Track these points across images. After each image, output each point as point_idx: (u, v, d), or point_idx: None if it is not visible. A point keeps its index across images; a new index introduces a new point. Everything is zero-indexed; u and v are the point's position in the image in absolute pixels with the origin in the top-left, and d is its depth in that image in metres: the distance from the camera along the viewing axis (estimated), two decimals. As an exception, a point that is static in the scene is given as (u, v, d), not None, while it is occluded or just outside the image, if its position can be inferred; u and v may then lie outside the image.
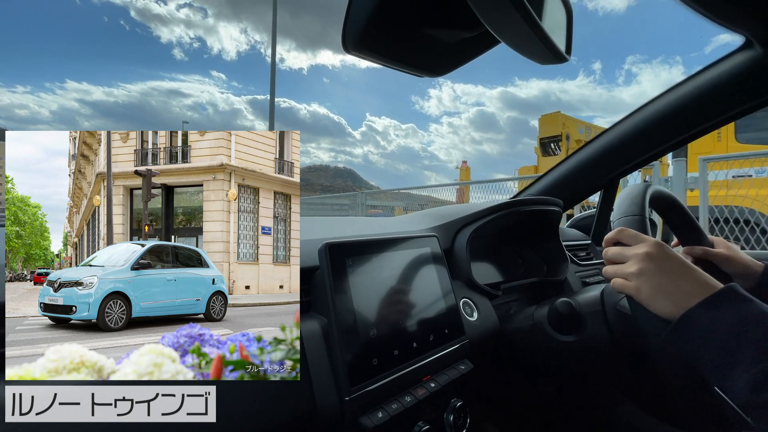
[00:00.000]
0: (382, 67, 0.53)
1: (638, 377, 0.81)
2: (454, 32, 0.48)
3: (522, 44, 0.44)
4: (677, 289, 0.48)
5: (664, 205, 0.74)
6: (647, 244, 0.52)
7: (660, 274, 0.49)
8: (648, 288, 0.49)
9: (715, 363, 0.42)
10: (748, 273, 0.71)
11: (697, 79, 0.85)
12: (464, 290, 0.77)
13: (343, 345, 0.49)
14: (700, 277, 0.48)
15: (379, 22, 0.44)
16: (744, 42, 0.72)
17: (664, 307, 0.48)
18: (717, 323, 0.43)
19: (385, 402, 0.51)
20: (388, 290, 0.57)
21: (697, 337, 0.44)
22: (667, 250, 0.51)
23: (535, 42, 0.43)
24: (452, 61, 0.55)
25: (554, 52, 0.45)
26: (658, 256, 0.50)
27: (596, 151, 1.10)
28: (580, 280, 1.04)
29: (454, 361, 0.63)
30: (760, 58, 0.72)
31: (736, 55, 0.76)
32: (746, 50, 0.73)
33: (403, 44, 0.49)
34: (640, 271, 0.50)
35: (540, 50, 0.45)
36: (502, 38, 0.44)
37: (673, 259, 0.50)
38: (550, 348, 0.73)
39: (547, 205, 0.99)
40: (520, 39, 0.43)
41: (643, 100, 0.98)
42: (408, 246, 0.64)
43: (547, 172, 1.22)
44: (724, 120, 0.86)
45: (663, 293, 0.48)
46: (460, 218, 0.86)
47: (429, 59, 0.54)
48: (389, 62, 0.52)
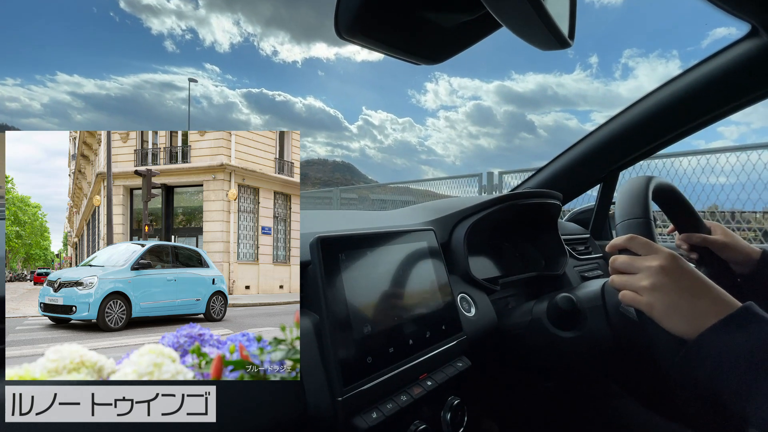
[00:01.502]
0: (378, 60, 0.52)
1: (638, 373, 0.79)
2: (453, 15, 0.47)
3: (524, 28, 0.42)
4: (693, 308, 0.45)
5: (666, 197, 0.73)
6: (661, 257, 0.49)
7: (675, 291, 0.46)
8: (661, 305, 0.46)
9: (733, 390, 0.40)
10: (746, 259, 0.70)
11: (700, 69, 0.83)
12: (462, 285, 0.76)
13: (335, 343, 0.48)
14: (716, 295, 0.45)
15: (373, 5, 0.42)
16: (750, 29, 0.70)
17: (677, 325, 0.45)
18: (734, 346, 0.41)
19: (380, 402, 0.49)
20: (382, 286, 0.56)
21: (714, 362, 0.42)
22: (682, 263, 0.48)
23: (539, 26, 0.41)
24: (450, 47, 0.53)
25: (558, 38, 0.44)
26: (673, 270, 0.47)
27: (595, 144, 1.08)
28: (579, 274, 1.03)
29: (452, 358, 0.61)
30: (766, 46, 0.70)
31: (741, 43, 0.74)
32: (752, 38, 0.72)
33: (398, 29, 0.48)
34: (653, 286, 0.47)
35: (543, 35, 0.43)
36: (504, 22, 0.42)
37: (689, 274, 0.47)
38: (550, 344, 0.71)
39: (546, 198, 0.97)
40: (523, 23, 0.41)
41: (640, 95, 0.96)
42: (404, 240, 0.62)
43: (546, 164, 1.21)
44: (728, 110, 0.84)
45: (678, 311, 0.45)
46: (457, 212, 0.84)
47: (426, 45, 0.52)
48: (384, 49, 0.50)
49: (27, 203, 11.45)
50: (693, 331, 0.44)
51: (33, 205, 11.88)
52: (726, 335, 0.42)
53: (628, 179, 0.68)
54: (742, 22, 0.69)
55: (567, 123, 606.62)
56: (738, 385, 0.40)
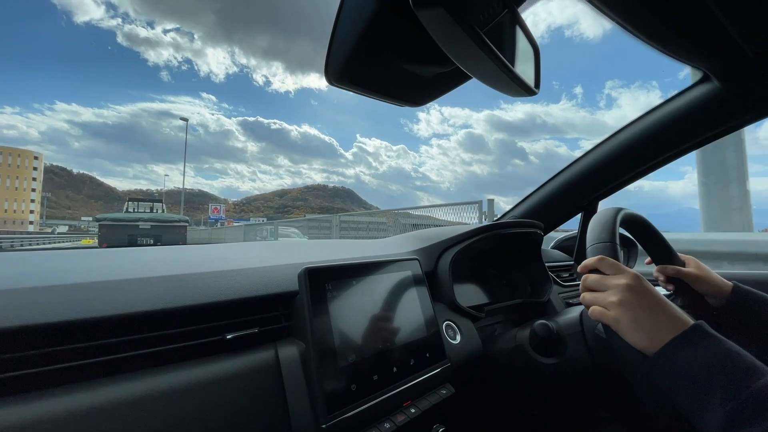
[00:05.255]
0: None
1: (622, 398, 0.81)
2: (429, 67, 0.51)
3: (492, 80, 0.47)
4: (653, 323, 0.49)
5: (636, 227, 0.77)
6: (627, 276, 0.53)
7: (638, 308, 0.50)
8: (626, 320, 0.50)
9: (689, 401, 0.43)
10: (718, 292, 0.73)
11: (665, 108, 0.90)
12: (447, 313, 0.77)
13: (320, 371, 0.49)
14: (673, 313, 0.49)
15: (358, 57, 0.47)
16: (702, 75, 0.77)
17: (640, 339, 0.49)
18: (688, 362, 0.44)
19: (364, 429, 0.50)
20: (368, 315, 0.57)
21: (671, 374, 0.45)
22: (645, 283, 0.52)
23: (504, 78, 0.46)
24: (429, 93, 0.58)
25: (523, 87, 0.49)
26: (638, 288, 0.51)
27: (575, 174, 1.14)
28: (564, 300, 1.06)
29: (436, 386, 0.62)
30: (718, 91, 0.77)
31: (695, 88, 0.81)
32: (704, 83, 0.78)
33: (382, 77, 0.52)
34: (620, 302, 0.51)
35: (509, 85, 0.48)
36: (473, 75, 0.47)
37: (651, 292, 0.51)
38: (533, 370, 0.73)
39: (528, 228, 1.01)
40: (490, 76, 0.46)
41: (624, 123, 1.03)
42: (389, 270, 0.65)
43: (528, 195, 1.26)
44: (688, 148, 0.91)
45: (640, 326, 0.49)
46: (442, 241, 0.87)
47: (408, 91, 0.56)
48: (370, 94, 0.55)
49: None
50: (653, 345, 0.47)
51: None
52: (681, 350, 0.45)
53: (599, 210, 0.73)
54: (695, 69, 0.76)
55: (557, 150, 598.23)
56: (692, 396, 0.43)
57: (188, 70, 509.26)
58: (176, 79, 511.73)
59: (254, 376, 0.47)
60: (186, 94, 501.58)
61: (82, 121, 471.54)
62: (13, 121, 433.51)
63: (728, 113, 0.81)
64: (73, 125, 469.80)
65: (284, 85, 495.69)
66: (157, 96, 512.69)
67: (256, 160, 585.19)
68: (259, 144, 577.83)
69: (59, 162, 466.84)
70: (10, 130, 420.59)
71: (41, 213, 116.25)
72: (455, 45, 0.40)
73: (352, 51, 0.46)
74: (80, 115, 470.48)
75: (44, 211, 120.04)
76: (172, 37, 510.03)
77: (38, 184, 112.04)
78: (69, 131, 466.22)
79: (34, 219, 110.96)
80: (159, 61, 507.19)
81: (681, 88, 0.88)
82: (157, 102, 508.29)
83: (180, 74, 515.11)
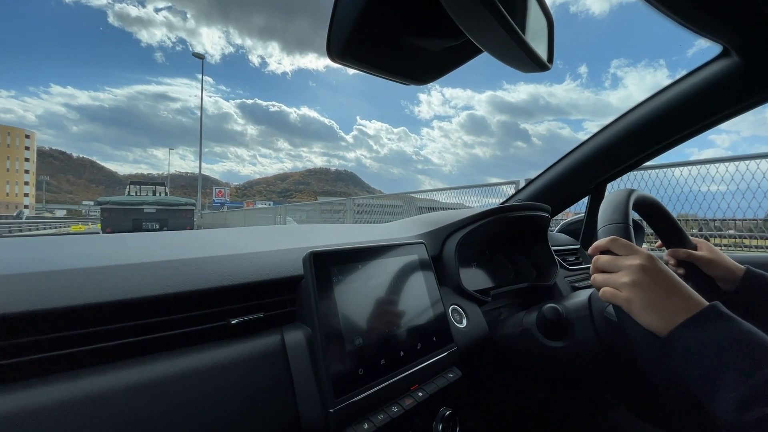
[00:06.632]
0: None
1: (629, 382, 0.81)
2: (437, 41, 0.49)
3: (504, 53, 0.45)
4: (667, 305, 0.48)
5: (648, 210, 0.75)
6: (641, 256, 0.52)
7: (651, 289, 0.49)
8: (639, 301, 0.49)
9: (701, 382, 0.43)
10: (731, 276, 0.72)
11: (678, 86, 0.87)
12: (453, 297, 0.77)
13: (327, 355, 0.48)
14: (687, 294, 0.48)
15: (362, 31, 0.44)
16: (722, 50, 0.74)
17: (652, 321, 0.48)
18: (701, 343, 0.44)
19: (371, 413, 0.50)
20: (374, 299, 0.57)
21: (683, 356, 0.44)
22: (659, 264, 0.51)
23: (517, 52, 0.43)
24: (437, 69, 0.55)
25: (536, 61, 0.46)
26: (651, 269, 0.50)
27: (583, 157, 1.12)
28: (570, 284, 1.05)
29: (443, 369, 0.62)
30: (738, 66, 0.74)
31: (714, 63, 0.78)
32: (724, 58, 0.75)
33: (387, 53, 0.50)
34: (633, 282, 0.50)
35: (522, 60, 0.46)
36: (485, 48, 0.45)
37: (665, 273, 0.50)
38: (540, 354, 0.73)
39: (535, 211, 0.99)
40: (502, 49, 0.43)
41: (630, 104, 1.00)
42: (395, 253, 0.64)
43: (535, 177, 1.24)
44: (704, 126, 0.88)
45: (653, 308, 0.48)
46: (448, 225, 0.86)
47: (414, 67, 0.54)
48: (374, 70, 0.52)
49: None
50: (666, 326, 0.47)
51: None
52: (694, 331, 0.45)
53: (611, 191, 0.71)
54: (714, 43, 0.73)
55: (560, 132, 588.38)
56: (705, 378, 0.42)
57: (183, 50, 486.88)
58: (171, 60, 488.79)
59: (260, 361, 0.47)
60: (182, 76, 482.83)
61: (78, 104, 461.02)
62: (9, 105, 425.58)
63: (749, 90, 0.78)
64: (70, 108, 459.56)
65: (281, 66, 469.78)
66: (153, 78, 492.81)
67: (255, 144, 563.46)
68: (259, 127, 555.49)
69: (59, 146, 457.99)
70: (7, 114, 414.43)
71: (41, 197, 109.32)
72: (467, 14, 0.38)
73: (356, 24, 0.43)
74: (76, 99, 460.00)
75: (44, 196, 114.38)
76: (165, 15, 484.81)
77: (32, 165, 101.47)
78: (66, 115, 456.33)
79: (30, 203, 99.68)
80: (152, 42, 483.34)
81: (689, 66, 0.85)
82: (153, 84, 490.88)
83: (175, 55, 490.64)
